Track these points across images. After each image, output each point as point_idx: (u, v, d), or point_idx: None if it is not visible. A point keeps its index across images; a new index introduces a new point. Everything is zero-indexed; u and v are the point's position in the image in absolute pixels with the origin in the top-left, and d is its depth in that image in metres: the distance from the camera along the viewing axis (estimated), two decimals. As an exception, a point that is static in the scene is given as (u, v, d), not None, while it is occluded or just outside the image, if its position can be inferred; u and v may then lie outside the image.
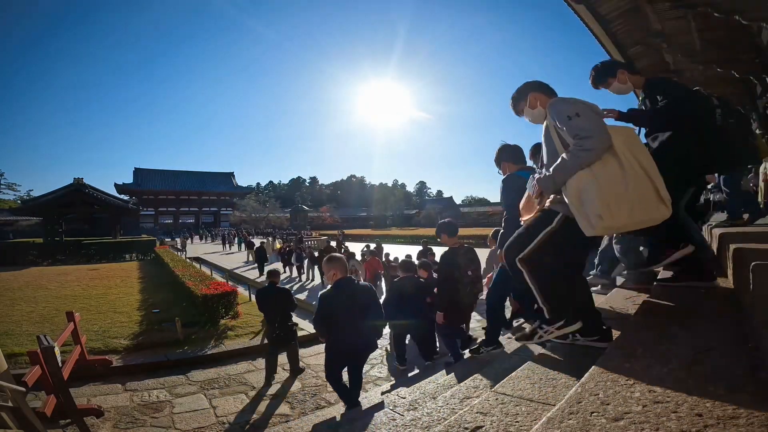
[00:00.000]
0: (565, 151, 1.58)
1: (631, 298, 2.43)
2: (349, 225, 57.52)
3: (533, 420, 1.23)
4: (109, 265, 18.17)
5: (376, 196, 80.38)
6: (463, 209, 73.99)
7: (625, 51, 9.75)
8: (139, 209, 31.36)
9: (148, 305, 8.84)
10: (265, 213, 54.28)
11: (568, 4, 7.65)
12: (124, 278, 13.28)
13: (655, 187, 1.54)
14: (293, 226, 48.88)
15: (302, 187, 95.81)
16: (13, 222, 38.02)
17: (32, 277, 13.42)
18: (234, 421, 3.85)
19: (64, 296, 9.97)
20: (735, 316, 1.51)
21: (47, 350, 3.39)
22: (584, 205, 1.50)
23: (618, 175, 1.49)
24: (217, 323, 7.20)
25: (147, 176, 57.46)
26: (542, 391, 1.43)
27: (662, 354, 1.20)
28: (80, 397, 4.16)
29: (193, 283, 8.76)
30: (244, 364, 5.35)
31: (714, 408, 0.85)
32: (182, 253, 21.71)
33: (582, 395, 1.01)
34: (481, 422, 1.28)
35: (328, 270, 3.21)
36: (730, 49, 8.16)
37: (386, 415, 2.36)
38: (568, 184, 1.54)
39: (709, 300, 1.83)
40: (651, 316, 1.70)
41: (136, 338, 6.51)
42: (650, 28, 8.36)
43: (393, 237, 32.90)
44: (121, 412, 4.03)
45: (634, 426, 0.83)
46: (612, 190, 1.47)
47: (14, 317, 7.75)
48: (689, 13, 6.96)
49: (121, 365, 5.58)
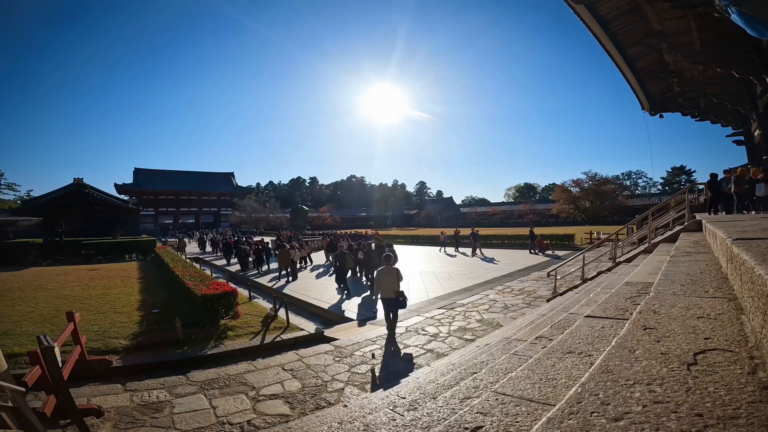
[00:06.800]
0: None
1: (631, 298, 2.43)
2: (349, 225, 57.50)
3: (533, 420, 1.23)
4: (109, 265, 18.17)
5: (376, 196, 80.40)
6: (463, 209, 74.02)
7: (625, 51, 9.76)
8: (139, 209, 31.38)
9: (148, 305, 8.84)
10: (265, 213, 54.33)
11: (568, 4, 7.65)
12: (124, 278, 13.28)
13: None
14: (293, 226, 48.88)
15: (302, 187, 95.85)
16: (13, 222, 38.00)
17: (32, 277, 13.42)
18: (234, 421, 3.85)
19: (64, 296, 9.97)
20: (735, 315, 1.51)
21: (47, 350, 3.39)
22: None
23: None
24: (217, 323, 7.20)
25: (147, 176, 57.48)
26: (542, 391, 1.43)
27: (662, 354, 1.20)
28: (80, 397, 4.16)
29: (193, 283, 8.76)
30: (244, 364, 5.34)
31: (714, 408, 0.85)
32: (181, 253, 21.73)
33: (582, 395, 1.01)
34: (481, 422, 1.28)
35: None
36: (730, 49, 8.16)
37: (386, 415, 2.36)
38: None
39: (709, 299, 1.83)
40: (651, 316, 1.70)
41: (136, 338, 6.51)
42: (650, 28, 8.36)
43: (393, 237, 32.88)
44: (121, 412, 4.03)
45: (634, 426, 0.83)
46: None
47: (14, 317, 7.75)
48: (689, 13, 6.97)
49: (121, 365, 5.59)
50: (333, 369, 5.12)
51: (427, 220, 64.95)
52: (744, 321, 1.42)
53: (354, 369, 5.11)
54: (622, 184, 56.68)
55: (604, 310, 2.32)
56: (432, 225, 59.69)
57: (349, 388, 4.56)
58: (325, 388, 4.53)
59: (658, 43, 8.92)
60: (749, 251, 1.63)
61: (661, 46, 8.96)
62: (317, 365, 5.25)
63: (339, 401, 4.17)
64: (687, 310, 1.65)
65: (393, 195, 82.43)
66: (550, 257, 17.25)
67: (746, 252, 1.62)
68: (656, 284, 2.22)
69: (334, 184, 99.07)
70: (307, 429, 3.15)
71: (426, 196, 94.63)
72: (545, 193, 77.98)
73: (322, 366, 5.22)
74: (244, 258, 17.44)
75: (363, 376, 4.91)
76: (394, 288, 6.42)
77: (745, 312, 1.49)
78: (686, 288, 2.02)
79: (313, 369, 5.14)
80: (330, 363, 5.33)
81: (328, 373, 4.99)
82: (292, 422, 3.60)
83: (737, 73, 8.69)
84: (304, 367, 5.22)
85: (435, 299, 9.35)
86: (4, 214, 37.80)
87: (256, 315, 8.10)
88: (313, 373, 5.02)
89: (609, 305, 2.42)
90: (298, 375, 4.95)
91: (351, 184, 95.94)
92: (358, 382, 4.70)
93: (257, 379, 4.83)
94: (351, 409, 3.35)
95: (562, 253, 17.90)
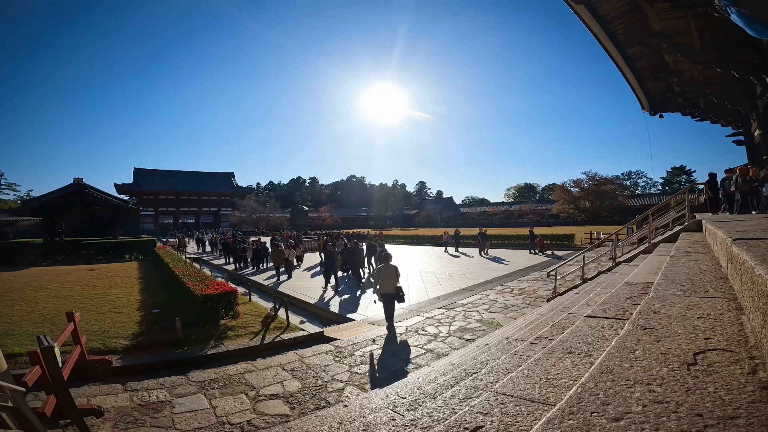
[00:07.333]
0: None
1: (631, 298, 2.43)
2: (349, 225, 57.48)
3: (533, 420, 1.23)
4: (109, 265, 18.17)
5: (376, 196, 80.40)
6: (463, 209, 73.99)
7: (625, 51, 9.76)
8: (139, 209, 31.38)
9: (148, 305, 8.84)
10: (265, 213, 54.34)
11: (568, 4, 7.65)
12: (124, 278, 13.28)
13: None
14: (293, 226, 48.86)
15: (302, 187, 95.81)
16: (13, 222, 37.99)
17: (32, 277, 13.42)
18: (234, 421, 3.85)
19: (64, 296, 9.97)
20: (735, 315, 1.51)
21: (47, 350, 3.39)
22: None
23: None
24: (217, 323, 7.20)
25: (147, 176, 57.47)
26: (542, 391, 1.43)
27: (662, 354, 1.20)
28: (80, 397, 4.16)
29: (193, 283, 8.76)
30: (244, 364, 5.34)
31: (714, 408, 0.85)
32: (182, 253, 21.73)
33: (582, 395, 1.01)
34: (481, 422, 1.28)
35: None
36: (730, 49, 8.16)
37: (386, 415, 2.36)
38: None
39: (709, 299, 1.83)
40: (651, 316, 1.70)
41: (136, 338, 6.51)
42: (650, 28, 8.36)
43: (393, 237, 32.90)
44: (121, 412, 4.03)
45: (634, 426, 0.83)
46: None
47: (14, 317, 7.75)
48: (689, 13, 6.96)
49: (121, 365, 5.59)
50: (333, 369, 5.12)
51: (427, 220, 64.93)
52: (744, 321, 1.42)
53: (354, 369, 5.11)
54: (622, 184, 56.62)
55: (604, 310, 2.32)
56: (432, 225, 59.68)
57: (349, 388, 4.56)
58: (325, 388, 4.53)
59: (658, 43, 8.91)
60: (749, 251, 1.63)
61: (661, 46, 8.96)
62: (317, 365, 5.25)
63: (339, 401, 4.17)
64: (687, 310, 1.65)
65: (393, 195, 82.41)
66: (550, 257, 17.25)
67: (746, 252, 1.62)
68: (656, 284, 2.22)
69: (334, 184, 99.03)
70: (307, 429, 3.15)
71: (426, 196, 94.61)
72: (545, 193, 77.95)
73: (322, 366, 5.22)
74: (241, 257, 18.05)
75: (363, 376, 4.91)
76: (393, 284, 6.85)
77: (745, 312, 1.49)
78: (686, 288, 2.02)
79: (313, 369, 5.14)
80: (330, 363, 5.33)
81: (328, 373, 4.99)
82: (292, 422, 3.59)
83: (737, 73, 8.69)
84: (304, 367, 5.22)
85: (435, 299, 9.35)
86: (4, 214, 37.81)
87: (256, 315, 8.10)
88: (313, 373, 5.02)
89: (609, 305, 2.42)
90: (298, 375, 4.95)
91: (351, 184, 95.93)
92: (358, 382, 4.70)
93: (257, 379, 4.83)
94: (351, 409, 3.35)
95: (562, 253, 17.90)
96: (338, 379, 4.79)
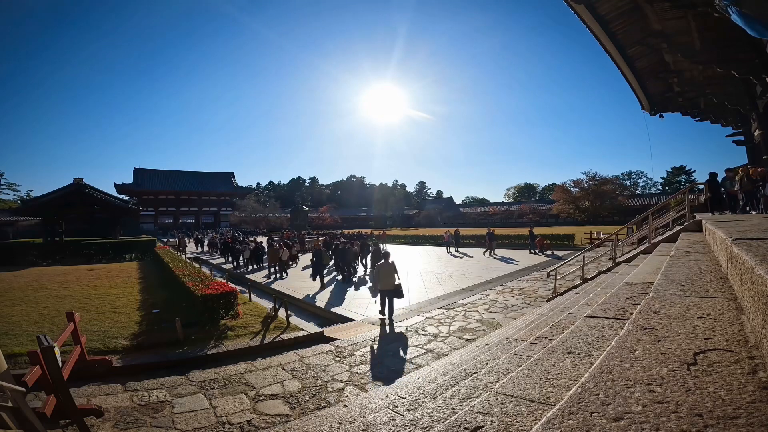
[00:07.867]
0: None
1: (631, 298, 2.43)
2: (349, 225, 57.45)
3: (533, 420, 1.23)
4: (109, 265, 18.17)
5: (376, 196, 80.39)
6: (463, 209, 73.99)
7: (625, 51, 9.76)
8: (139, 209, 31.37)
9: (148, 305, 8.84)
10: (265, 213, 54.32)
11: (568, 4, 7.65)
12: (124, 278, 13.28)
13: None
14: (293, 226, 48.86)
15: (302, 187, 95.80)
16: (13, 222, 37.98)
17: (32, 277, 13.42)
18: (234, 421, 3.85)
19: (64, 296, 9.97)
20: (735, 315, 1.51)
21: (47, 350, 3.39)
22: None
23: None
24: (217, 323, 7.20)
25: (147, 176, 57.46)
26: (542, 391, 1.43)
27: (662, 354, 1.20)
28: (80, 397, 4.16)
29: (193, 283, 8.76)
30: (244, 364, 5.34)
31: (714, 408, 0.85)
32: (182, 253, 21.73)
33: (582, 395, 1.01)
34: (481, 422, 1.28)
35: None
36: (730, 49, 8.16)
37: (386, 415, 2.36)
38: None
39: (709, 299, 1.83)
40: (651, 316, 1.70)
41: (136, 338, 6.51)
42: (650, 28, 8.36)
43: (393, 237, 32.89)
44: (121, 412, 4.03)
45: (634, 426, 0.83)
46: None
47: (14, 317, 7.75)
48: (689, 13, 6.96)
49: (121, 365, 5.59)
50: (333, 369, 5.12)
51: (427, 220, 64.92)
52: (744, 321, 1.42)
53: (354, 369, 5.11)
54: (622, 184, 56.61)
55: (604, 310, 2.32)
56: (432, 225, 59.66)
57: (349, 388, 4.56)
58: (325, 388, 4.53)
59: (658, 43, 8.91)
60: (749, 251, 1.63)
61: (661, 46, 8.96)
62: (317, 365, 5.25)
63: (339, 401, 4.17)
64: (687, 310, 1.65)
65: (393, 195, 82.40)
66: (550, 257, 17.25)
67: (746, 252, 1.62)
68: (656, 284, 2.22)
69: (334, 184, 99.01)
70: (307, 429, 3.15)
71: (426, 196, 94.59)
72: (545, 193, 77.92)
73: (322, 366, 5.22)
74: (239, 256, 18.52)
75: (363, 376, 4.91)
76: (392, 281, 7.25)
77: (745, 312, 1.49)
78: (686, 288, 2.02)
79: (313, 369, 5.14)
80: (330, 363, 5.33)
81: (328, 373, 4.99)
82: (292, 422, 3.59)
83: (737, 73, 8.69)
84: (304, 367, 5.22)
85: (435, 299, 9.36)
86: (4, 214, 37.80)
87: (256, 315, 8.09)
88: (313, 373, 5.02)
89: (609, 305, 2.42)
90: (298, 375, 4.95)
91: (351, 184, 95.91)
92: (358, 382, 4.70)
93: (257, 379, 4.83)
94: (351, 409, 3.35)
95: (562, 253, 17.90)
96: (338, 379, 4.79)
